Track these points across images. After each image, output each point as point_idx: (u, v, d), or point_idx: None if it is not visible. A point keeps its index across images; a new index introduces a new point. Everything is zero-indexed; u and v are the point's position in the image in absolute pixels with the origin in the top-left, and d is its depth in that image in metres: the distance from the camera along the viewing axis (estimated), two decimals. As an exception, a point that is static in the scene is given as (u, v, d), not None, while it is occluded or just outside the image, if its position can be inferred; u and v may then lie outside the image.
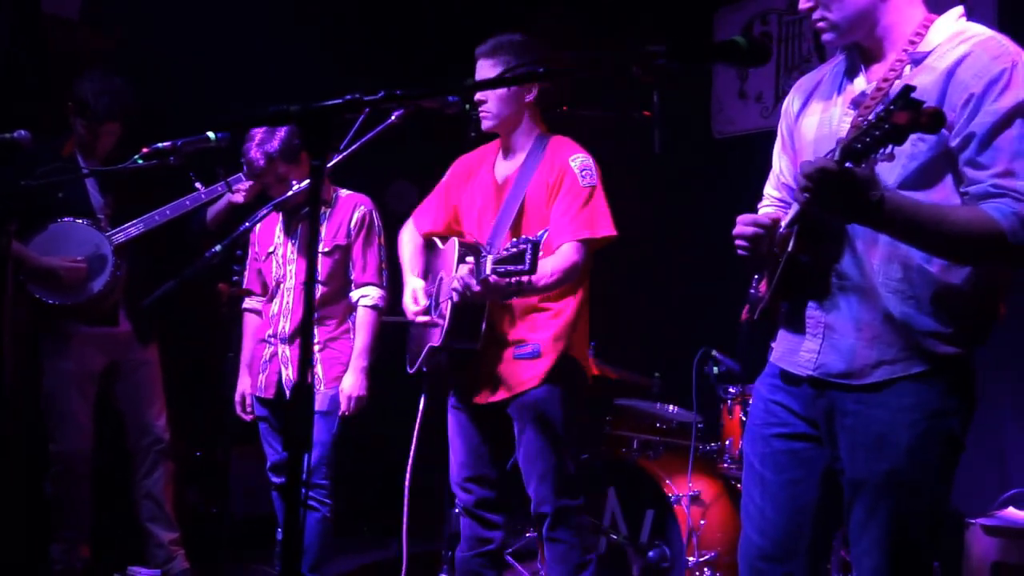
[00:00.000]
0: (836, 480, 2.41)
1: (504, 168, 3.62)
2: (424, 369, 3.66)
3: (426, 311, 3.55)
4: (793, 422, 2.47)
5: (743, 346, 2.70)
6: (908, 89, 1.96)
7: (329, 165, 3.39)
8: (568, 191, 3.43)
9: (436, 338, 3.46)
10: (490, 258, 3.04)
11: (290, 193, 3.71)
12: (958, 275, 2.27)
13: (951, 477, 2.33)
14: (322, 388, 4.18)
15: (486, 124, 3.53)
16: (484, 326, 3.42)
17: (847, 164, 2.08)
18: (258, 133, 4.07)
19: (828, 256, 2.37)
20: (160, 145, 3.63)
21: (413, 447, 3.67)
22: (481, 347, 3.44)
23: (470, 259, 3.17)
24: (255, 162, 4.05)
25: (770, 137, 2.72)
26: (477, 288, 3.16)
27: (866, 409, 2.32)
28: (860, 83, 2.41)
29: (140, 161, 3.76)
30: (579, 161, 3.47)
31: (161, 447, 4.52)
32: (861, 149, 2.03)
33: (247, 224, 3.33)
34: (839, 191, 2.09)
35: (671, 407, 4.88)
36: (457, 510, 3.70)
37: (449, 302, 3.35)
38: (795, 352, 2.46)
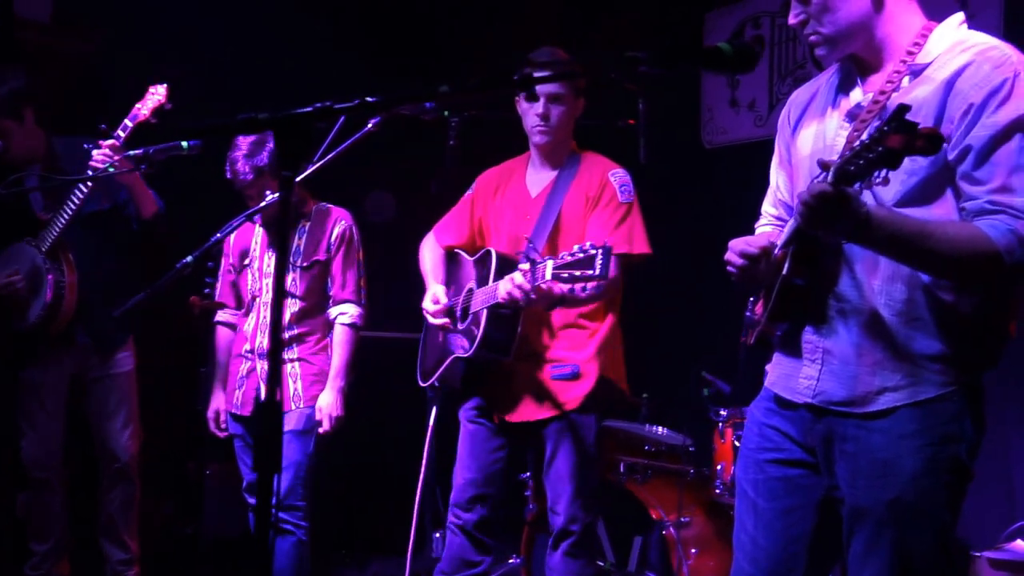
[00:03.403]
0: (834, 509, 2.39)
1: (538, 181, 3.73)
2: (436, 384, 3.74)
3: (446, 313, 3.64)
4: (789, 447, 2.45)
5: (742, 370, 2.69)
6: (902, 109, 1.94)
7: (303, 176, 3.40)
8: (607, 205, 3.58)
9: (466, 348, 3.53)
10: (550, 263, 3.10)
11: (263, 204, 3.68)
12: (964, 295, 2.25)
13: (958, 507, 2.31)
14: (300, 406, 4.18)
15: (543, 139, 3.63)
16: (517, 339, 3.50)
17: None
18: (245, 144, 4.08)
19: (825, 278, 2.35)
20: (131, 153, 3.62)
21: (424, 463, 3.75)
22: (513, 361, 3.53)
23: (524, 266, 3.23)
24: (242, 175, 4.06)
25: (764, 147, 2.73)
26: (533, 295, 3.24)
27: (868, 435, 2.30)
28: (856, 95, 2.41)
29: (111, 169, 3.74)
30: (619, 176, 3.65)
31: (119, 465, 4.48)
32: (854, 172, 2.01)
33: (218, 235, 3.31)
34: (835, 213, 2.09)
35: (660, 429, 4.87)
36: (438, 534, 3.75)
37: (486, 311, 3.43)
38: (792, 378, 2.44)
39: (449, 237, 3.91)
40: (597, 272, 3.00)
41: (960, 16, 2.37)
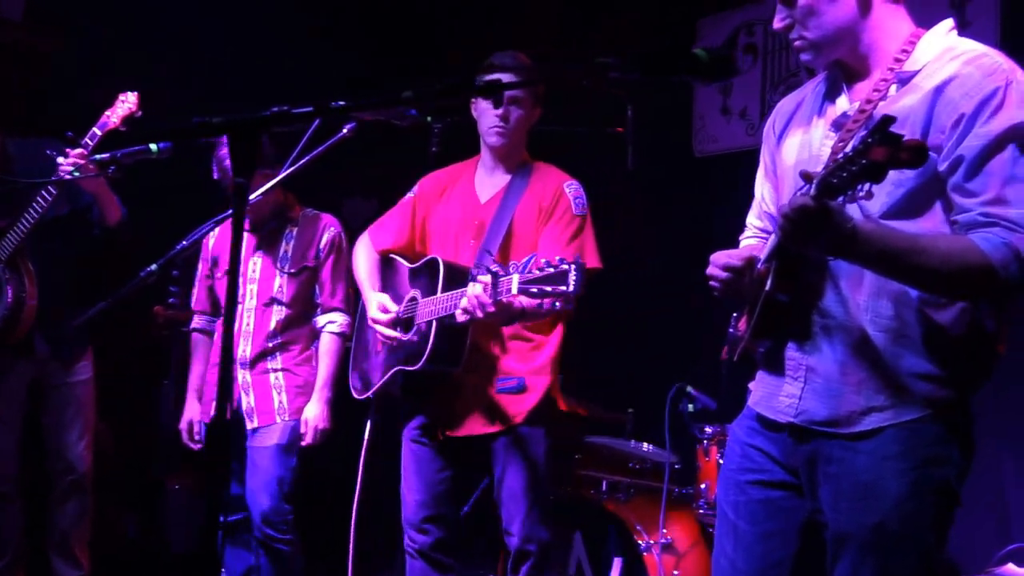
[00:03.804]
0: (817, 534, 2.36)
1: (488, 187, 3.71)
2: (372, 397, 3.70)
3: (394, 325, 3.58)
4: (771, 469, 2.43)
5: (725, 388, 2.67)
6: (887, 121, 1.92)
7: (274, 181, 3.40)
8: (561, 217, 3.58)
9: (412, 361, 3.49)
10: (515, 277, 3.07)
11: (227, 213, 3.62)
12: (952, 310, 2.23)
13: (946, 532, 2.29)
14: (285, 419, 4.17)
15: (500, 141, 3.62)
16: (466, 351, 3.47)
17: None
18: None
19: (809, 293, 2.34)
20: (98, 156, 3.58)
21: (360, 479, 3.70)
22: (460, 373, 3.50)
23: (484, 278, 3.18)
24: (231, 172, 3.97)
25: (755, 156, 2.71)
26: (491, 308, 3.18)
27: (852, 457, 2.28)
28: (842, 103, 2.39)
29: (76, 173, 3.69)
30: (573, 188, 3.64)
31: (74, 477, 4.43)
32: (837, 185, 1.99)
33: (184, 243, 3.27)
34: (817, 227, 2.07)
35: (645, 445, 4.84)
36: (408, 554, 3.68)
37: (435, 322, 3.39)
38: (774, 396, 2.42)
39: (386, 240, 3.86)
40: (571, 289, 2.96)
41: (949, 23, 2.35)
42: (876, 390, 2.26)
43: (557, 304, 3.02)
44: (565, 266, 2.97)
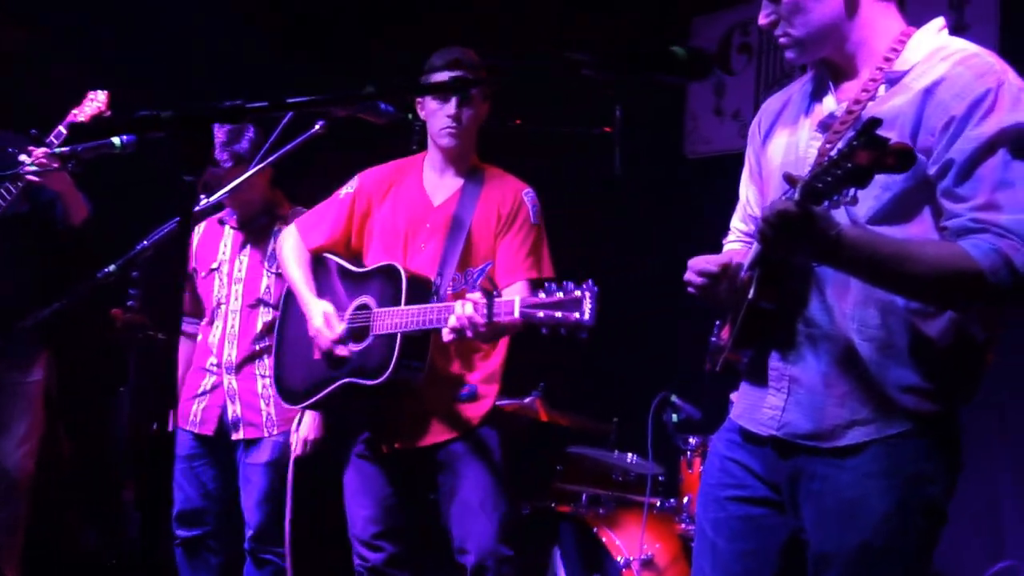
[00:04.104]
0: (799, 553, 2.33)
1: (441, 188, 3.66)
2: (306, 407, 3.64)
3: (343, 340, 3.50)
4: (752, 484, 2.40)
5: (708, 399, 2.65)
6: (873, 123, 1.90)
7: (242, 178, 3.39)
8: (521, 226, 3.57)
9: (374, 374, 3.40)
10: (518, 300, 3.03)
11: (206, 202, 3.58)
12: (941, 320, 2.21)
13: (931, 552, 2.27)
14: (274, 433, 4.11)
15: (452, 142, 3.58)
16: (428, 362, 3.42)
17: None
18: (222, 132, 4.03)
19: (794, 301, 2.31)
20: (58, 151, 3.52)
21: (289, 494, 3.66)
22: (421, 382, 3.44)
23: (474, 295, 3.13)
24: (222, 162, 4.00)
25: None
26: (483, 329, 3.13)
27: (836, 474, 2.25)
28: (829, 103, 2.37)
29: (37, 173, 3.64)
30: (530, 196, 3.64)
31: (9, 481, 4.30)
32: (822, 190, 1.98)
33: (145, 243, 3.24)
34: (799, 234, 2.04)
35: (630, 456, 4.82)
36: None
37: (400, 336, 3.33)
38: (757, 408, 2.40)
39: (320, 238, 3.73)
40: (587, 319, 2.90)
41: (940, 21, 2.32)
42: (860, 403, 2.24)
43: (563, 331, 2.96)
44: (578, 292, 2.92)
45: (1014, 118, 2.12)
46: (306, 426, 4.04)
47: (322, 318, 3.51)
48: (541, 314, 2.95)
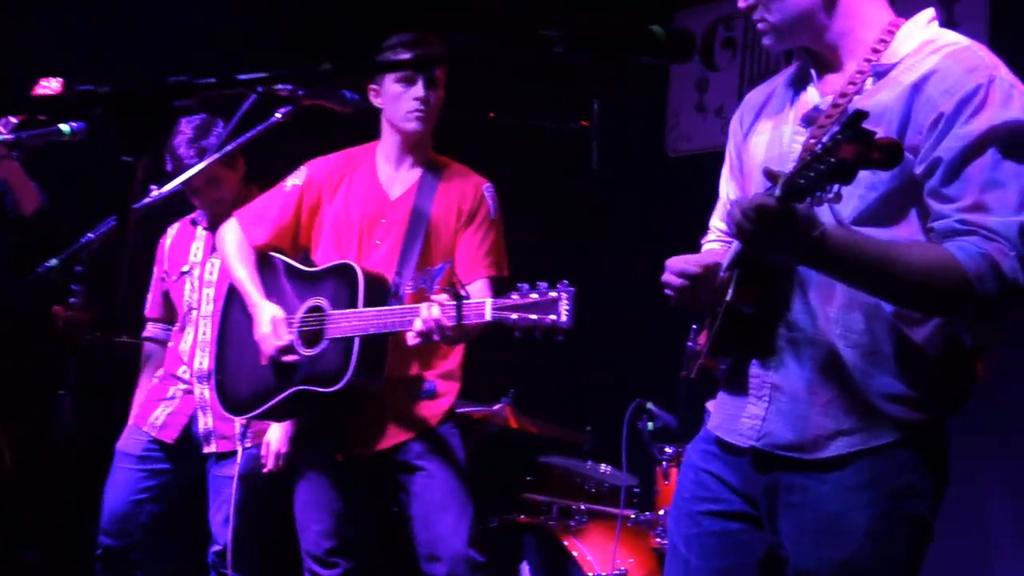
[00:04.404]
0: (777, 570, 2.30)
1: (397, 181, 3.60)
2: (251, 417, 3.58)
3: (291, 349, 3.42)
4: (728, 498, 2.36)
5: (683, 408, 2.60)
6: (859, 116, 1.86)
7: (197, 168, 3.33)
8: (482, 222, 3.56)
9: (330, 381, 3.31)
10: (489, 302, 3.00)
11: (157, 194, 3.48)
12: (928, 326, 2.17)
13: (917, 571, 2.24)
14: (246, 446, 4.00)
15: (420, 127, 3.51)
16: (386, 364, 3.37)
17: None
18: (189, 127, 4.00)
19: (775, 304, 2.26)
20: (2, 139, 3.45)
21: (233, 509, 3.59)
22: (383, 384, 3.39)
23: (442, 297, 3.07)
24: (187, 159, 3.93)
25: None
26: (450, 332, 3.10)
27: (817, 486, 2.21)
28: (812, 96, 2.34)
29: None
30: (491, 191, 3.62)
31: None
32: (804, 186, 1.92)
33: (91, 235, 3.17)
34: (779, 232, 2.00)
35: (603, 467, 4.80)
36: None
37: (358, 339, 3.26)
38: (736, 418, 2.36)
39: (264, 234, 3.60)
40: (564, 320, 2.89)
41: (930, 12, 2.29)
42: (845, 412, 2.20)
43: (538, 333, 2.92)
44: (553, 293, 2.89)
45: (1005, 115, 2.09)
46: (278, 439, 3.96)
47: (270, 324, 3.42)
48: (515, 316, 2.91)
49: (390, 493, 3.51)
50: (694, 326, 2.49)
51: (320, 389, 3.33)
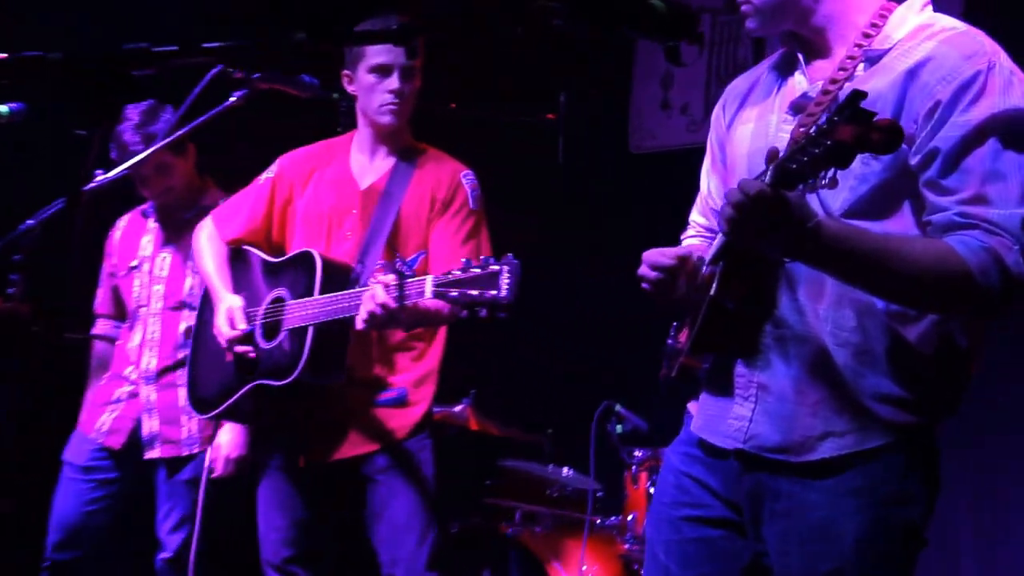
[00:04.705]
0: (762, 579, 2.31)
1: (369, 171, 3.53)
2: (218, 417, 3.51)
3: (246, 339, 3.35)
4: (710, 503, 2.32)
5: (662, 409, 2.55)
6: (857, 96, 1.80)
7: (144, 154, 3.28)
8: (459, 211, 3.46)
9: (280, 373, 3.26)
10: (430, 279, 2.90)
11: (103, 178, 3.38)
12: (922, 324, 2.13)
13: None
14: (195, 451, 3.96)
15: (393, 120, 3.43)
16: (346, 362, 3.29)
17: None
18: (135, 112, 3.92)
19: (761, 300, 2.21)
20: None
21: (199, 516, 3.58)
22: (343, 385, 3.31)
23: (387, 278, 2.98)
24: (132, 146, 3.85)
25: (697, 155, 2.65)
26: (401, 315, 3.04)
27: (804, 492, 2.17)
28: (800, 82, 2.30)
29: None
30: (470, 179, 3.53)
31: None
32: (796, 170, 1.88)
33: (31, 222, 3.09)
34: (770, 222, 1.94)
35: (565, 470, 4.76)
36: None
37: (312, 328, 3.19)
38: (721, 420, 2.30)
39: (236, 229, 3.58)
40: (504, 295, 2.78)
41: None
42: (835, 412, 2.16)
43: (483, 312, 2.83)
44: (495, 267, 2.80)
45: (1006, 103, 2.05)
46: (229, 443, 3.91)
47: (225, 314, 3.37)
48: (455, 292, 2.82)
49: (353, 504, 3.45)
50: (675, 324, 2.44)
51: (274, 382, 3.26)
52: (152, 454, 3.97)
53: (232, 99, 3.26)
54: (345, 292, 3.14)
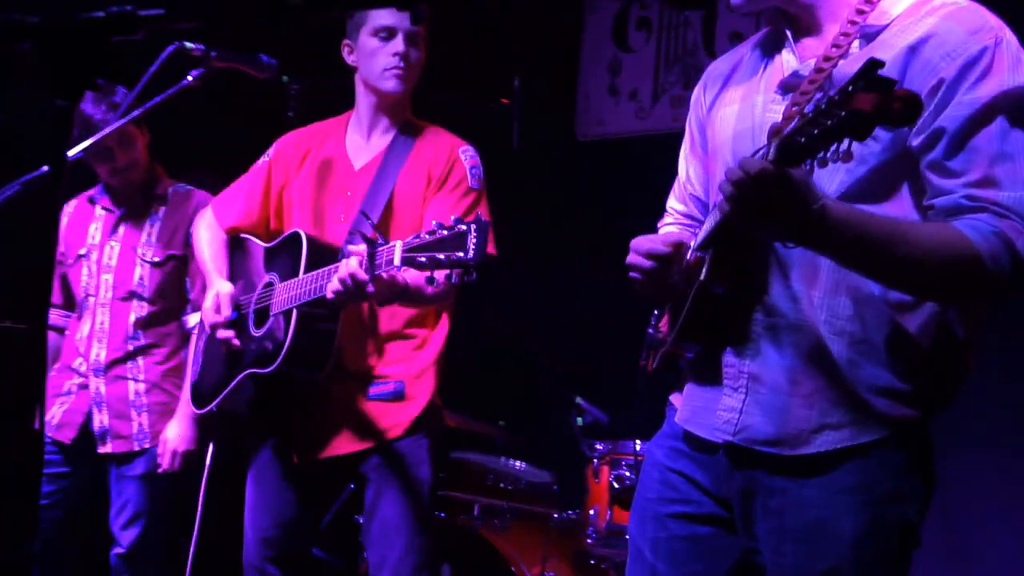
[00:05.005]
0: (753, 576, 2.28)
1: (364, 151, 3.41)
2: (215, 411, 3.39)
3: (232, 324, 3.24)
4: (699, 499, 2.27)
5: (640, 401, 2.49)
6: (874, 64, 1.69)
7: (96, 137, 3.11)
8: (454, 188, 3.32)
9: (264, 362, 3.15)
10: (399, 244, 2.74)
11: (72, 152, 3.22)
12: (921, 313, 2.08)
13: None
14: (146, 446, 3.89)
15: (398, 86, 3.30)
16: (334, 350, 3.16)
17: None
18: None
19: (752, 286, 2.15)
20: None
21: (199, 514, 3.52)
22: (324, 380, 3.19)
23: (358, 247, 2.87)
24: (97, 116, 3.76)
25: (645, 142, 2.62)
26: (372, 287, 2.88)
27: (798, 488, 2.11)
28: (789, 60, 2.22)
29: None
30: (470, 155, 3.40)
31: None
32: (805, 144, 1.76)
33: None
34: (772, 202, 1.85)
35: (518, 463, 4.75)
36: None
37: (295, 312, 3.08)
38: (710, 412, 2.24)
39: (234, 216, 3.49)
40: (471, 256, 2.64)
41: None
42: (831, 403, 2.10)
43: (454, 277, 2.70)
44: (462, 227, 2.66)
45: (1015, 80, 1.98)
46: (176, 437, 3.85)
47: (212, 299, 3.26)
48: (423, 258, 2.69)
49: (354, 504, 3.42)
50: (655, 312, 2.39)
51: (260, 370, 3.15)
52: (104, 449, 3.90)
53: (189, 78, 3.12)
54: (324, 268, 3.01)
